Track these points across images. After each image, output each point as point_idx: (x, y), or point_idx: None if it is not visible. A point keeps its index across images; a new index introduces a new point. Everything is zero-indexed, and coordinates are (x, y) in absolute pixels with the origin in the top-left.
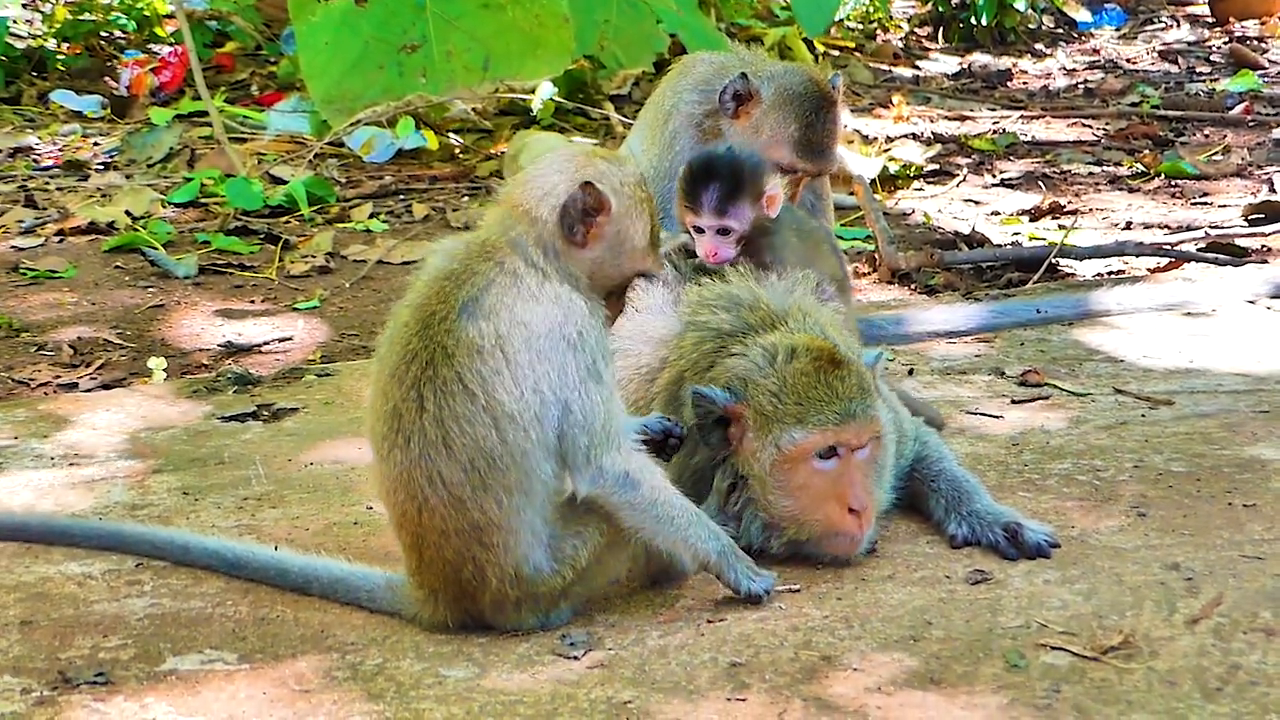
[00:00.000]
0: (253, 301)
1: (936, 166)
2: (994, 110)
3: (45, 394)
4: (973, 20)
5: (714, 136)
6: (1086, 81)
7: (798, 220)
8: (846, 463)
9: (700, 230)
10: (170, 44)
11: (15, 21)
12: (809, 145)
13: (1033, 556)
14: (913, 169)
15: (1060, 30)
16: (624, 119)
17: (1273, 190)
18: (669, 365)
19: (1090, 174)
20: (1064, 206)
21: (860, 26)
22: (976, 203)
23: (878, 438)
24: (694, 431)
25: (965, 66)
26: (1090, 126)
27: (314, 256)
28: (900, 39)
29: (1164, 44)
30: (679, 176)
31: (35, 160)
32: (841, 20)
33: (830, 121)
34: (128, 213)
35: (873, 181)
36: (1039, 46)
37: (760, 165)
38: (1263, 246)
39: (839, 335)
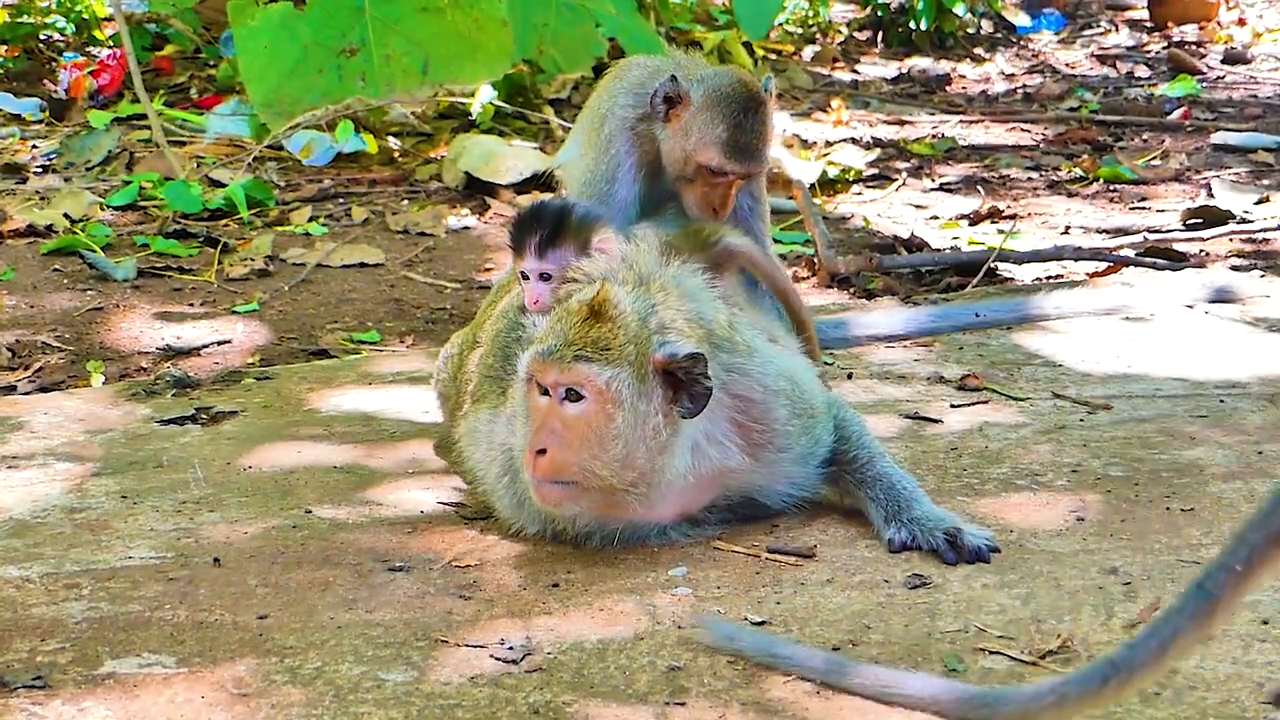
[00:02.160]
0: (191, 304)
1: (875, 171)
2: (933, 115)
3: None
4: (912, 25)
5: (649, 141)
6: (1025, 86)
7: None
8: (551, 404)
9: (526, 276)
10: (109, 47)
11: None
12: (737, 146)
13: (973, 561)
14: (852, 173)
15: (999, 35)
16: (563, 123)
17: (1211, 195)
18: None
19: (1029, 178)
20: (1003, 211)
21: (799, 31)
22: (915, 207)
23: (583, 398)
24: None
25: (904, 71)
26: (1029, 131)
27: (253, 260)
28: (839, 43)
29: (1103, 49)
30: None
31: None
32: (781, 24)
33: (760, 123)
34: (66, 215)
35: (812, 186)
36: (978, 51)
37: (589, 215)
38: (1201, 251)
39: (713, 322)
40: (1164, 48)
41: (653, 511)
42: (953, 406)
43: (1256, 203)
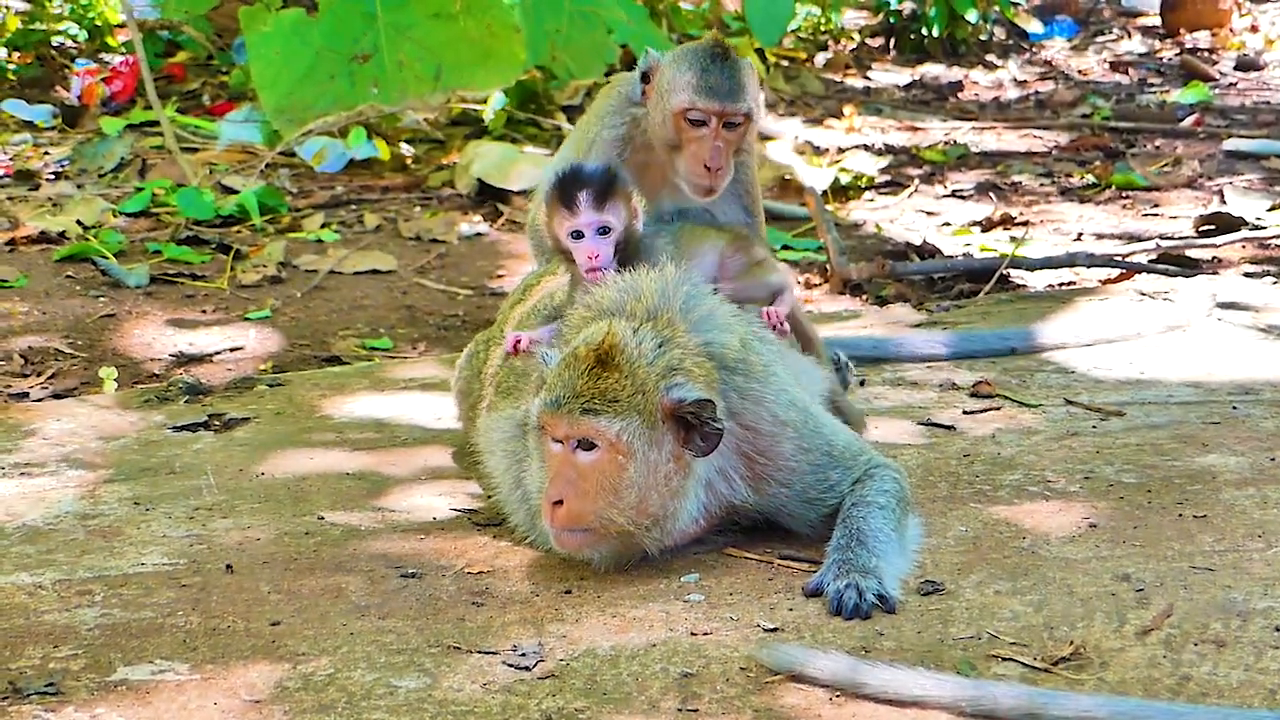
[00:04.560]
0: (204, 311)
1: (888, 178)
2: (945, 121)
3: None
4: (924, 32)
5: (639, 152)
6: (1038, 93)
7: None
8: (564, 453)
9: (578, 235)
10: (121, 53)
11: None
12: (707, 85)
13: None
14: (864, 180)
15: (1011, 41)
16: None
17: (1223, 202)
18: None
19: (1041, 185)
20: (1015, 217)
21: (812, 37)
22: (928, 213)
23: (595, 447)
24: None
25: (917, 78)
26: (1041, 138)
27: (265, 266)
28: (851, 50)
29: (1115, 55)
30: (547, 191)
31: None
32: (793, 31)
33: (729, 65)
34: (79, 222)
35: (824, 192)
36: (990, 58)
37: (622, 176)
38: (1213, 258)
39: (725, 348)
40: (1176, 54)
41: (665, 547)
42: (965, 413)
43: (1269, 209)
